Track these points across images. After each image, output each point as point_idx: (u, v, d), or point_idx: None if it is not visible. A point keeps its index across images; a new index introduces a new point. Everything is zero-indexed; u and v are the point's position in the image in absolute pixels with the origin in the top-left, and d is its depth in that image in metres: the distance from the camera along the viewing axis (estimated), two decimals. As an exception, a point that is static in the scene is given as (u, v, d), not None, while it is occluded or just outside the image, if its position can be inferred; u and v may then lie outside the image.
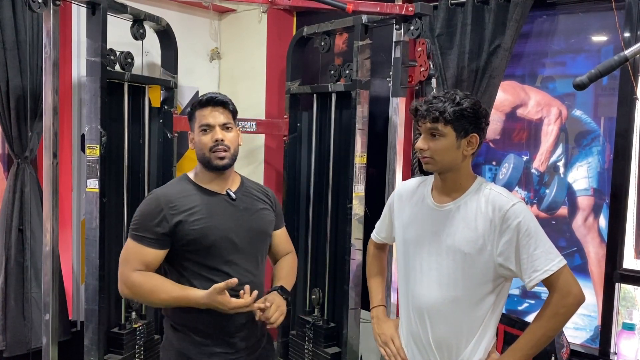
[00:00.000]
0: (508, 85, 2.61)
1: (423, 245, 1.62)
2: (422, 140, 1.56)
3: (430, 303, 1.59)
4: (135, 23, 2.61)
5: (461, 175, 1.57)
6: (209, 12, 3.37)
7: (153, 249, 1.66)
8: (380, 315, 1.84)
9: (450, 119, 1.49)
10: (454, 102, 1.50)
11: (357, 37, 2.52)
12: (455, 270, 1.55)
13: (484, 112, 1.55)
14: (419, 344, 1.64)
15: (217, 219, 1.69)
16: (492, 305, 1.56)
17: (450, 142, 1.51)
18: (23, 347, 2.58)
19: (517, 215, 1.48)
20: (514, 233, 1.48)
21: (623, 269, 2.28)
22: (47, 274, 2.30)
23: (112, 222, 2.56)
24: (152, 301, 1.71)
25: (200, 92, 3.37)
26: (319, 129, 2.88)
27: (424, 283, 1.61)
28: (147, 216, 1.67)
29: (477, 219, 1.53)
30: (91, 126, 2.36)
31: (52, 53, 2.22)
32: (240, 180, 1.83)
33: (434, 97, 1.54)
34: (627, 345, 2.07)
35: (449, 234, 1.56)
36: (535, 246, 1.47)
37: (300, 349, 2.87)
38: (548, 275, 1.46)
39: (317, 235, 2.90)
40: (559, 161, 2.51)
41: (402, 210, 1.72)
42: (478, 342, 1.57)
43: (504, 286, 1.57)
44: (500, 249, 1.50)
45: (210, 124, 1.69)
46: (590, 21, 2.41)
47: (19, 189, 2.55)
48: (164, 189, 1.76)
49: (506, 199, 1.52)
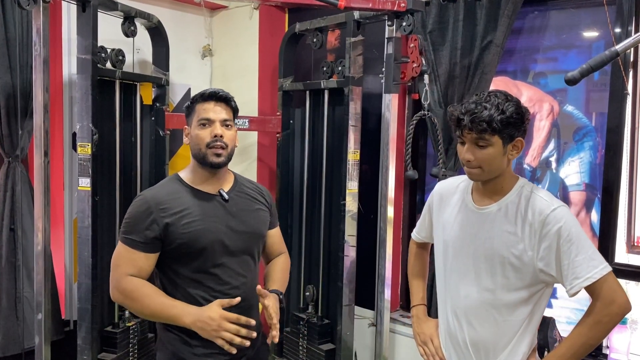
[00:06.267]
0: (500, 81, 2.62)
1: (462, 247, 1.59)
2: (468, 151, 1.48)
3: (468, 305, 1.58)
4: (126, 20, 2.59)
5: (504, 179, 1.53)
6: (201, 8, 3.35)
7: (144, 253, 1.62)
8: (420, 314, 1.83)
9: (498, 129, 1.43)
10: (499, 110, 1.42)
11: (350, 33, 2.52)
12: (494, 274, 1.53)
13: (527, 114, 1.49)
14: (456, 345, 1.64)
15: (209, 221, 1.65)
16: (532, 310, 1.53)
17: (498, 150, 1.46)
18: (16, 347, 2.57)
19: (558, 220, 1.44)
20: (555, 238, 1.44)
21: (615, 263, 2.30)
22: (39, 273, 2.29)
23: (104, 220, 2.54)
24: (140, 311, 1.64)
25: (192, 89, 3.36)
26: (311, 125, 2.88)
27: (463, 285, 1.59)
28: (137, 219, 1.63)
29: (517, 223, 1.50)
30: (82, 124, 2.34)
31: (42, 51, 2.20)
32: (234, 179, 1.78)
33: (476, 104, 1.45)
34: (619, 339, 2.09)
35: (489, 237, 1.53)
36: (577, 252, 1.43)
37: (294, 345, 2.87)
38: (590, 282, 1.42)
39: (310, 232, 2.89)
40: (551, 156, 2.52)
41: (442, 210, 1.69)
42: (516, 346, 1.55)
43: (544, 292, 1.54)
44: (541, 254, 1.47)
45: (211, 119, 1.65)
46: (582, 17, 2.42)
47: (10, 188, 2.53)
48: (153, 190, 1.71)
49: (547, 202, 1.48)
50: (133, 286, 1.61)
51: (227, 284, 1.67)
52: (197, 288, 1.64)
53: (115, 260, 1.66)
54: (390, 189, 2.45)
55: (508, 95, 1.48)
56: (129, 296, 1.62)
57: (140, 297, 1.61)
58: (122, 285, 1.62)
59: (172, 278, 1.67)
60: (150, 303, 1.60)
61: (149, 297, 1.60)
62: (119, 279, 1.63)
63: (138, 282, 1.62)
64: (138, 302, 1.61)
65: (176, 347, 1.66)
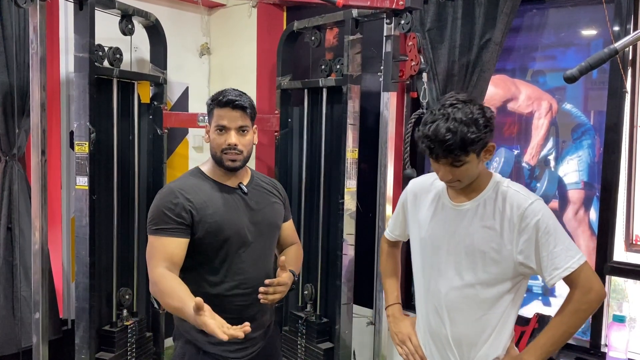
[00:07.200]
0: (498, 79, 2.62)
1: (441, 244, 1.60)
2: (445, 173, 1.48)
3: (449, 301, 1.59)
4: (123, 18, 2.58)
5: (479, 178, 1.54)
6: (199, 7, 3.34)
7: (174, 238, 1.64)
8: (396, 313, 1.83)
9: (472, 149, 1.42)
10: (468, 128, 1.39)
11: (348, 31, 2.51)
12: (475, 269, 1.54)
13: (492, 117, 1.47)
14: (437, 341, 1.64)
15: (231, 213, 1.71)
16: (511, 303, 1.56)
17: (474, 163, 1.46)
18: (13, 347, 2.56)
19: (536, 213, 1.47)
20: (533, 231, 1.47)
21: (613, 261, 2.30)
22: (37, 272, 2.28)
23: (102, 219, 2.54)
24: (165, 303, 1.62)
25: (190, 87, 3.36)
26: (310, 124, 2.87)
27: (444, 281, 1.60)
28: (165, 208, 1.65)
29: (495, 218, 1.52)
30: (80, 123, 2.34)
31: (39, 49, 2.19)
32: (251, 174, 1.84)
33: (446, 130, 1.39)
34: (617, 337, 2.09)
35: (468, 234, 1.55)
36: (555, 244, 1.46)
37: (293, 344, 2.86)
38: (569, 272, 1.45)
39: (309, 230, 2.89)
40: (550, 155, 2.52)
41: (418, 208, 1.70)
42: (497, 339, 1.57)
43: (522, 283, 1.57)
44: (520, 247, 1.49)
45: (226, 127, 1.69)
46: (580, 15, 2.42)
47: (7, 187, 2.51)
48: (178, 182, 1.75)
49: (524, 196, 1.51)
50: (160, 277, 1.60)
51: (244, 274, 1.72)
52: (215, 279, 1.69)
53: (148, 254, 1.68)
54: (388, 188, 2.44)
55: (468, 103, 1.44)
56: (156, 288, 1.61)
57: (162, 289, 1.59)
58: (153, 277, 1.63)
59: (191, 269, 1.70)
60: (170, 301, 1.58)
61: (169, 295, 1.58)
62: (152, 270, 1.63)
63: (166, 274, 1.60)
64: (161, 293, 1.60)
65: (192, 335, 1.71)
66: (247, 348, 1.74)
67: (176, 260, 1.64)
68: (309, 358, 2.77)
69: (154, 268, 1.63)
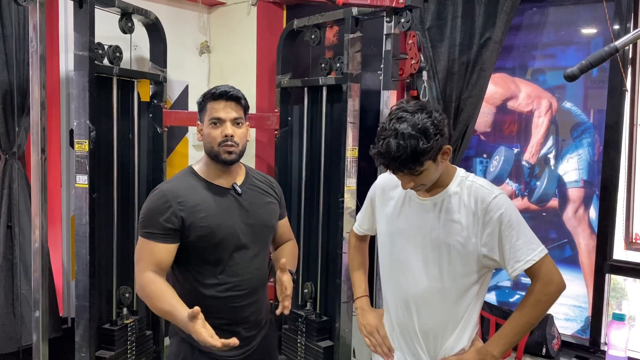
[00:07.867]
0: (498, 77, 2.62)
1: (408, 238, 1.63)
2: (406, 183, 1.50)
3: (417, 294, 1.61)
4: (123, 16, 2.58)
5: (443, 175, 1.56)
6: (198, 5, 3.34)
7: (163, 244, 1.63)
8: (364, 305, 1.87)
9: (423, 160, 1.43)
10: (417, 141, 1.39)
11: (348, 30, 2.51)
12: (441, 263, 1.57)
13: (442, 122, 1.46)
14: (405, 334, 1.67)
15: (225, 215, 1.69)
16: (476, 295, 1.59)
17: (432, 168, 1.48)
18: (13, 345, 2.56)
19: (500, 207, 1.50)
20: (497, 225, 1.50)
21: (613, 260, 2.30)
22: (37, 270, 2.28)
23: (102, 217, 2.54)
24: (153, 306, 1.63)
25: (190, 86, 3.35)
26: (310, 122, 2.87)
27: (410, 275, 1.62)
28: (155, 212, 1.64)
29: (461, 212, 1.55)
30: (80, 121, 2.33)
31: (39, 47, 2.19)
32: (245, 172, 1.82)
33: (395, 147, 1.40)
34: (617, 335, 2.09)
35: (434, 228, 1.58)
36: (517, 237, 1.49)
37: (293, 343, 2.87)
38: (530, 265, 1.49)
39: (308, 229, 2.89)
40: (550, 153, 2.52)
41: (385, 203, 1.72)
42: (462, 331, 1.61)
43: (487, 276, 1.61)
44: (484, 240, 1.52)
45: (222, 118, 1.67)
46: (580, 13, 2.42)
47: (7, 185, 2.52)
48: (170, 184, 1.74)
49: (488, 191, 1.53)
50: (147, 281, 1.61)
51: (238, 276, 1.71)
52: (210, 281, 1.67)
53: (137, 256, 1.68)
54: (388, 186, 2.44)
55: (415, 113, 1.44)
56: (143, 291, 1.62)
57: (149, 293, 1.61)
58: (140, 281, 1.63)
59: (185, 269, 1.70)
60: (159, 304, 1.59)
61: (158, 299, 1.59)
62: (139, 273, 1.64)
63: (154, 277, 1.61)
64: (149, 300, 1.61)
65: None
66: (243, 346, 1.72)
67: (164, 265, 1.65)
68: (309, 356, 2.77)
69: (142, 271, 1.63)
